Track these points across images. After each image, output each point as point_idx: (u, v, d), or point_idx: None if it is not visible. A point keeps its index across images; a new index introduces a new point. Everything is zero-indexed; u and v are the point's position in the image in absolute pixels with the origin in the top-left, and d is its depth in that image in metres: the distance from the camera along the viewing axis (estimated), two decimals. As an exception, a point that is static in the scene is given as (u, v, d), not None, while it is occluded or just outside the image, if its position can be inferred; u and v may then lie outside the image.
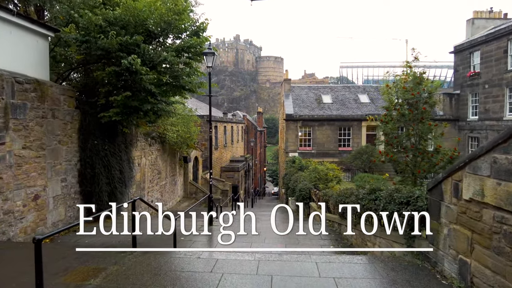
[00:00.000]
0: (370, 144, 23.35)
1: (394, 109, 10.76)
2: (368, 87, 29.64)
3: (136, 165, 14.21)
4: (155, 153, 16.38)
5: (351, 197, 8.03)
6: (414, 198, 5.16)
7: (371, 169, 21.54)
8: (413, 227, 5.18)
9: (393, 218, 5.59)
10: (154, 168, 16.38)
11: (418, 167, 9.96)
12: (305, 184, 15.03)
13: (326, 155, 24.57)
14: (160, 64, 9.97)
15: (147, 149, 15.33)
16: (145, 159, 15.14)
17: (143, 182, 14.90)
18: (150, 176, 15.79)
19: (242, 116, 48.11)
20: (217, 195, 23.69)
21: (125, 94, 9.73)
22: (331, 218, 10.28)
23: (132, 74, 9.51)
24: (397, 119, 10.89)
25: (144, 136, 15.35)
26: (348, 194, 8.37)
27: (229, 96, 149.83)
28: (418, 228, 5.14)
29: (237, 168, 31.58)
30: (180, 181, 21.13)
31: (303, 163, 20.52)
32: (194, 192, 21.92)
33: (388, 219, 5.69)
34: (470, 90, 23.58)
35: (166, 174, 18.13)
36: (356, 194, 7.71)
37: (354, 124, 25.61)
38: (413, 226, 5.18)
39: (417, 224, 5.09)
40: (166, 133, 16.80)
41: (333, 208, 10.13)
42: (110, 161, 10.63)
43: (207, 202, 10.25)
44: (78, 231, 9.53)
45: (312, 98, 27.73)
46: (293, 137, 25.66)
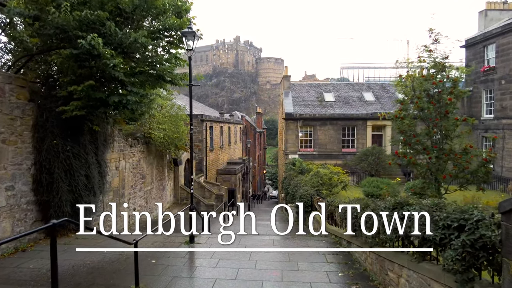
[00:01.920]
0: (376, 145, 21.58)
1: (411, 102, 9.02)
2: (373, 85, 27.91)
3: (113, 169, 12.47)
4: (138, 155, 14.64)
5: (366, 211, 6.27)
6: (472, 223, 3.40)
7: (378, 172, 19.77)
8: (472, 264, 3.43)
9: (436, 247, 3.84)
10: (137, 172, 14.64)
11: (443, 171, 8.21)
12: (306, 190, 13.28)
13: (329, 157, 22.80)
14: (131, 47, 8.24)
15: (127, 150, 13.59)
16: (125, 161, 13.40)
17: (122, 188, 13.16)
18: (131, 181, 14.04)
19: (241, 116, 46.39)
20: (211, 201, 21.93)
21: (87, 84, 8.02)
22: (338, 233, 8.51)
23: (95, 59, 7.80)
24: (414, 115, 9.16)
25: (125, 136, 13.62)
26: (362, 206, 6.61)
27: (229, 98, 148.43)
28: (480, 265, 3.40)
29: (234, 170, 29.82)
30: (170, 185, 19.37)
31: (304, 166, 18.77)
32: (186, 198, 20.15)
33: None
34: (484, 86, 21.82)
35: (152, 179, 16.39)
36: (373, 207, 5.94)
37: (358, 123, 23.85)
38: (472, 263, 3.43)
39: (480, 261, 3.34)
40: (152, 132, 15.06)
41: (341, 222, 8.36)
42: (73, 165, 8.89)
43: (190, 215, 8.49)
44: (31, 249, 7.84)
45: (313, 96, 25.99)
46: (293, 138, 23.90)
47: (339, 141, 23.87)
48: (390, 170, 20.34)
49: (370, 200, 6.94)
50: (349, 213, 7.12)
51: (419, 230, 4.30)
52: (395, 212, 5.01)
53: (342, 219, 8.08)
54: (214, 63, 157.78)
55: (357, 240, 6.99)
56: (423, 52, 8.63)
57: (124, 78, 8.31)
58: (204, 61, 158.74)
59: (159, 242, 8.55)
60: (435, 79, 8.26)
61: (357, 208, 6.85)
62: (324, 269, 6.58)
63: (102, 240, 8.59)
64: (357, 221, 6.85)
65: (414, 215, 4.50)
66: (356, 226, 6.94)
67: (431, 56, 8.58)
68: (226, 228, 13.75)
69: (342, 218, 7.96)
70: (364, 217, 6.29)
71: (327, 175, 13.84)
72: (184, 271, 6.53)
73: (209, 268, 6.60)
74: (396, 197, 5.40)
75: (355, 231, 7.13)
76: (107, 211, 12.00)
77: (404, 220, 4.69)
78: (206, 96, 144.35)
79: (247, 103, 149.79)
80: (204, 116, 25.36)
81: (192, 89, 9.29)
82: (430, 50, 8.52)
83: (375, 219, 5.74)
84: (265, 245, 8.18)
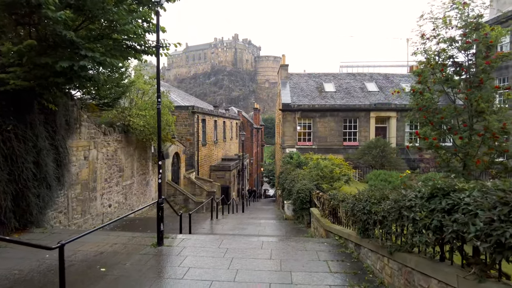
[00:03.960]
0: (381, 137, 19.91)
1: (432, 73, 7.33)
2: (376, 75, 26.23)
3: (81, 159, 10.78)
4: (114, 144, 12.94)
5: (383, 205, 4.60)
6: None
7: (383, 166, 18.09)
8: None
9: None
10: (113, 164, 12.93)
11: (474, 156, 6.55)
12: (304, 184, 11.60)
13: (329, 151, 21.07)
14: (85, 3, 6.55)
15: (100, 138, 11.89)
16: (97, 151, 11.70)
17: (93, 182, 11.46)
18: (105, 173, 12.34)
19: (237, 112, 44.67)
20: (201, 198, 20.22)
21: (26, 43, 6.33)
22: (343, 233, 6.83)
23: (34, 10, 6.11)
24: (434, 89, 7.47)
25: (97, 122, 11.91)
26: (377, 198, 4.93)
27: (227, 96, 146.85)
28: None
29: (229, 167, 28.11)
30: (155, 181, 17.66)
31: (301, 159, 17.09)
32: (172, 194, 18.47)
33: None
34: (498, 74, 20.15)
35: (132, 172, 14.68)
36: (395, 198, 4.26)
37: (361, 115, 22.16)
38: None
39: None
40: (131, 119, 13.35)
41: (347, 218, 6.68)
42: (15, 149, 7.19)
43: (158, 209, 6.78)
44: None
45: (313, 87, 24.30)
46: (291, 130, 22.21)
47: (340, 134, 22.19)
48: (396, 164, 18.69)
49: (387, 189, 5.25)
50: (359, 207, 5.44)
51: (484, 229, 2.62)
52: (435, 203, 3.33)
53: (348, 216, 6.39)
54: (213, 62, 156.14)
55: (370, 243, 5.30)
56: (451, 10, 6.89)
57: (76, 39, 6.61)
58: (203, 60, 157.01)
59: (119, 244, 6.86)
60: (469, 37, 6.51)
61: (370, 200, 5.17)
62: (327, 282, 4.90)
63: (49, 241, 6.89)
64: (370, 218, 5.17)
65: (468, 203, 2.83)
66: (369, 225, 5.25)
67: (462, 12, 6.83)
68: (213, 226, 12.07)
69: (349, 215, 6.27)
70: (382, 211, 4.61)
71: (328, 167, 12.18)
72: (138, 284, 4.84)
73: (173, 281, 4.92)
74: (430, 182, 3.71)
75: (367, 230, 5.44)
76: (73, 206, 10.32)
77: (456, 213, 3.01)
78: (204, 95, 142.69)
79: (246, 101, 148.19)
80: (195, 108, 23.67)
81: (190, 87, 7.68)
82: (464, 3, 6.72)
83: (399, 214, 4.06)
84: (252, 249, 6.49)
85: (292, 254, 6.17)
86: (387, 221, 4.59)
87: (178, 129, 23.26)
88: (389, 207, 4.45)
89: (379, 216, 4.80)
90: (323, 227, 8.36)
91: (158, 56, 6.51)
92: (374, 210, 4.96)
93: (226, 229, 11.20)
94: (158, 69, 6.57)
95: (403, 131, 22.49)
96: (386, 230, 4.76)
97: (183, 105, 23.85)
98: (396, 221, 4.33)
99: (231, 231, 10.84)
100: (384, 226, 4.78)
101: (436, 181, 3.42)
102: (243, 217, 16.00)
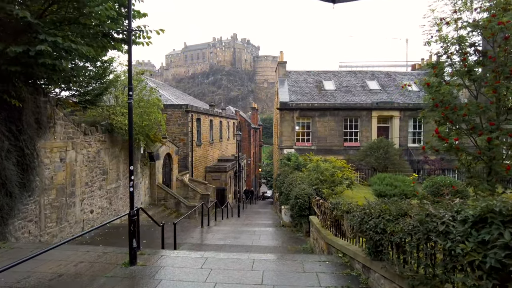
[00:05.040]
0: (384, 137, 18.91)
1: (449, 64, 6.32)
2: (377, 73, 25.24)
3: (56, 161, 9.75)
4: (97, 145, 11.91)
5: (402, 224, 3.59)
6: None
7: (386, 168, 17.10)
8: None
9: None
10: (95, 166, 11.90)
11: (502, 160, 5.57)
12: (303, 189, 10.59)
13: (329, 152, 20.08)
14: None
15: (80, 138, 10.86)
16: (76, 152, 10.67)
17: (71, 186, 10.43)
18: (86, 176, 11.31)
19: (234, 111, 43.64)
20: (194, 201, 19.18)
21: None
22: (347, 250, 5.82)
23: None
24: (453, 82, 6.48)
25: (75, 121, 10.88)
26: (393, 214, 3.92)
27: (226, 96, 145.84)
28: None
29: (225, 168, 27.08)
30: (145, 184, 16.64)
31: (300, 161, 16.09)
32: (163, 198, 17.43)
33: None
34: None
35: (118, 175, 13.65)
36: (422, 220, 3.24)
37: (362, 114, 21.17)
38: None
39: None
40: (114, 118, 12.31)
41: (353, 234, 5.67)
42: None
43: (130, 222, 5.76)
44: None
45: (312, 85, 23.29)
46: (289, 130, 21.20)
47: (341, 134, 21.19)
48: (400, 166, 17.71)
49: (404, 203, 4.24)
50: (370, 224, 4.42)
51: None
52: (489, 233, 2.33)
53: (355, 231, 5.37)
54: (211, 61, 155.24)
55: (384, 268, 4.29)
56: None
57: (33, 21, 5.59)
58: (201, 59, 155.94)
59: (86, 263, 5.84)
60: (499, 19, 5.51)
61: (383, 216, 4.16)
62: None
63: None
64: (383, 238, 4.16)
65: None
66: (383, 246, 4.24)
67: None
68: (203, 235, 11.04)
69: (356, 230, 5.25)
70: (401, 233, 3.61)
71: (328, 170, 11.17)
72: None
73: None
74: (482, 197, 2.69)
75: (379, 252, 4.43)
76: (46, 213, 9.29)
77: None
78: (202, 94, 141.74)
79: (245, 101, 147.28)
80: (189, 106, 22.62)
81: (189, 87, 6.72)
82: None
83: (427, 239, 3.06)
84: (241, 270, 5.48)
85: (288, 277, 5.16)
86: (407, 246, 3.58)
87: (171, 128, 22.24)
88: (411, 228, 3.44)
89: (396, 237, 3.79)
90: (324, 239, 7.35)
91: (130, 41, 5.48)
92: (389, 230, 3.95)
93: (217, 238, 10.19)
94: (129, 54, 5.53)
95: (406, 131, 21.53)
96: (406, 256, 3.76)
97: (176, 103, 22.82)
98: (419, 244, 3.34)
99: (222, 241, 9.82)
100: (403, 251, 3.77)
101: (490, 200, 2.41)
102: (237, 223, 14.99)
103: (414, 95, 22.33)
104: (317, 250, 8.18)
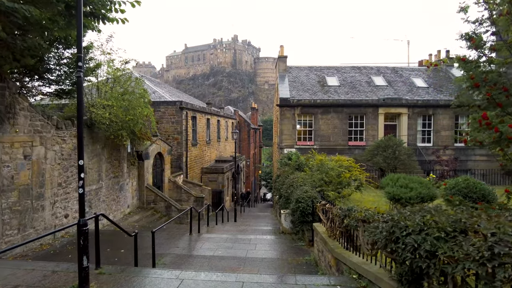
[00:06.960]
0: (392, 136, 17.52)
1: (493, 33, 5.00)
2: (383, 68, 23.90)
3: (19, 158, 8.41)
4: (73, 141, 10.56)
5: (466, 246, 2.21)
6: None
7: (395, 169, 15.71)
8: None
9: None
10: (71, 164, 10.55)
11: None
12: (305, 191, 9.21)
13: (332, 152, 18.69)
14: None
15: (51, 133, 9.52)
16: (45, 148, 9.33)
17: (39, 187, 9.08)
18: (59, 176, 9.96)
19: (233, 111, 42.30)
20: (188, 204, 17.79)
21: None
22: (365, 271, 4.44)
23: None
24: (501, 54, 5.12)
25: (45, 112, 9.53)
26: (445, 229, 2.55)
27: (226, 98, 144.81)
28: None
29: (222, 169, 25.71)
30: (132, 185, 15.28)
31: (302, 161, 14.71)
32: (152, 201, 16.06)
33: None
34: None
35: (99, 175, 12.29)
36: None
37: (368, 111, 19.79)
38: None
39: None
40: (93, 110, 10.98)
41: (374, 249, 4.29)
42: None
43: (79, 233, 4.39)
44: None
45: (314, 81, 21.95)
46: (290, 129, 19.83)
47: (345, 133, 19.81)
48: (410, 166, 16.32)
49: (463, 212, 2.88)
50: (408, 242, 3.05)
51: None
52: None
53: (377, 248, 4.00)
54: (212, 63, 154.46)
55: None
56: None
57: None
58: (202, 61, 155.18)
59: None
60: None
61: (428, 230, 2.80)
62: None
63: None
64: (432, 265, 2.78)
65: None
66: (428, 276, 2.86)
67: None
68: (191, 244, 9.64)
69: (379, 247, 3.87)
70: (469, 261, 2.24)
71: (335, 170, 9.81)
72: None
73: None
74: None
75: (419, 285, 3.05)
76: (4, 219, 7.93)
77: None
78: (203, 96, 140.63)
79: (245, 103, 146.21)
80: (184, 103, 21.28)
81: (189, 88, 5.44)
82: None
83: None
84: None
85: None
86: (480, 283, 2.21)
87: (164, 127, 20.92)
88: (489, 255, 2.07)
89: (457, 267, 2.41)
90: (332, 253, 5.97)
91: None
92: (442, 252, 2.58)
93: (206, 248, 8.80)
94: (80, 18, 4.20)
95: (415, 129, 20.14)
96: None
97: (169, 100, 21.49)
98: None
99: (212, 252, 8.44)
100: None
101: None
102: (233, 229, 13.60)
103: (423, 92, 20.96)
104: (323, 265, 6.81)
